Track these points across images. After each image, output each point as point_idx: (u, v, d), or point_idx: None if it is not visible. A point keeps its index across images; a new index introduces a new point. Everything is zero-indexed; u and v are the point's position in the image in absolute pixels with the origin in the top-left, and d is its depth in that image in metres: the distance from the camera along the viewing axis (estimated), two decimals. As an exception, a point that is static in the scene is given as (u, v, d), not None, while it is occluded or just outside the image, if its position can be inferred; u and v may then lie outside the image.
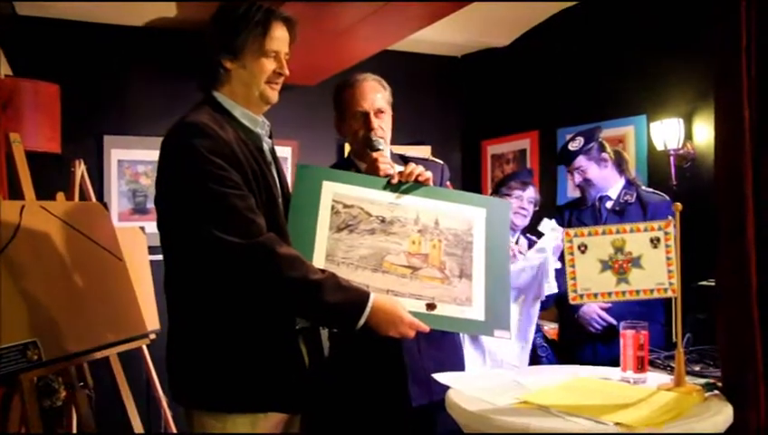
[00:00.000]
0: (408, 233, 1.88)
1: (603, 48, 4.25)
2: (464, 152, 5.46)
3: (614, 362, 1.91)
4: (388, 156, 2.09)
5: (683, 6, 3.62)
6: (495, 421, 1.54)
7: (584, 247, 1.87)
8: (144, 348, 3.27)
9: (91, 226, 2.56)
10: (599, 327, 2.80)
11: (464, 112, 5.46)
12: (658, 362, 2.17)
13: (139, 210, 4.39)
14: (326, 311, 1.65)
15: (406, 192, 1.93)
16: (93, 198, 3.28)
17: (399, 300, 1.77)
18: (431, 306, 1.82)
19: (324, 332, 1.90)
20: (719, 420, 1.58)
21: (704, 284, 2.67)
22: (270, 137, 1.87)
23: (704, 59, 3.36)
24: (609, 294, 1.86)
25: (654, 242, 1.82)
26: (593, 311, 2.81)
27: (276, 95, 1.80)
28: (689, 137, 3.62)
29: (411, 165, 1.97)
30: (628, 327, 1.85)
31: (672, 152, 3.61)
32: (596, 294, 1.87)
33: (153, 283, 3.14)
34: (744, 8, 1.66)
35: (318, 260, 1.79)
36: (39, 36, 4.10)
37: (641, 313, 2.29)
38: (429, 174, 1.97)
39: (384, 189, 1.92)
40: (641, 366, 1.83)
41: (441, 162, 2.34)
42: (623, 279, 1.84)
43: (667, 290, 1.81)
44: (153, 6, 4.04)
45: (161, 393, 3.41)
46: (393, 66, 3.65)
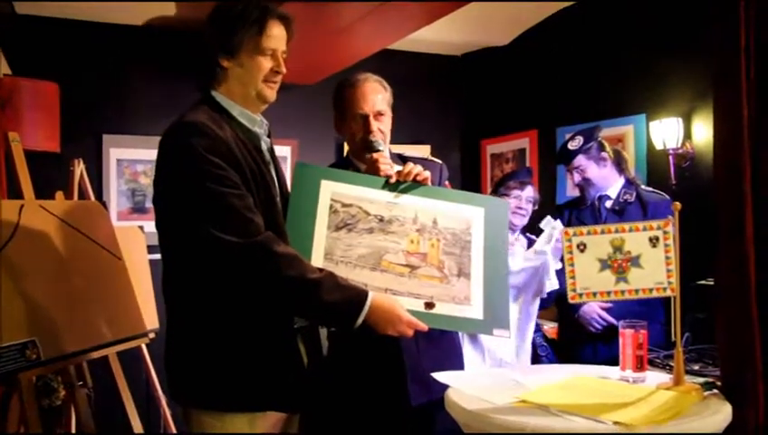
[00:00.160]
0: (407, 232, 1.88)
1: (602, 47, 4.25)
2: (463, 151, 5.46)
3: (614, 361, 1.91)
4: (387, 156, 2.09)
5: (682, 6, 3.62)
6: (494, 420, 1.54)
7: (583, 246, 1.87)
8: (143, 347, 3.27)
9: (90, 225, 2.56)
10: (599, 327, 2.80)
11: (463, 111, 5.46)
12: (657, 361, 2.18)
13: (138, 209, 4.39)
14: (324, 310, 1.65)
15: (404, 191, 1.93)
16: (92, 198, 3.28)
17: (398, 299, 1.77)
18: (430, 305, 1.82)
19: (323, 331, 1.90)
20: (718, 419, 1.58)
21: (703, 283, 2.67)
22: (268, 136, 1.87)
23: (703, 58, 3.36)
24: (609, 294, 1.86)
25: (653, 241, 1.82)
26: (593, 311, 2.81)
27: (274, 94, 1.79)
28: (688, 136, 3.62)
29: (410, 164, 1.97)
30: (627, 326, 1.85)
31: (671, 151, 3.61)
32: (595, 294, 1.87)
33: (152, 282, 3.14)
34: (743, 8, 1.66)
35: (316, 259, 1.79)
36: (38, 35, 4.09)
37: (641, 312, 2.29)
38: (428, 173, 1.97)
39: (383, 189, 1.92)
40: (640, 365, 1.84)
41: (439, 162, 2.34)
42: (622, 278, 1.84)
43: (666, 289, 1.81)
44: (152, 5, 4.04)
45: (160, 392, 3.42)
46: (392, 65, 3.65)
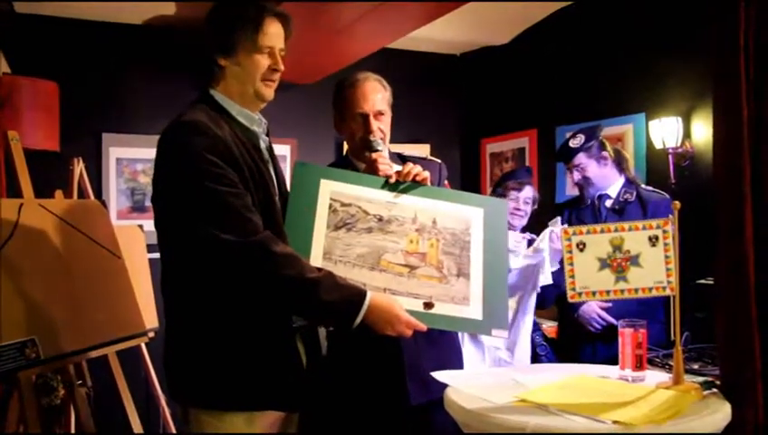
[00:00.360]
0: (406, 232, 1.88)
1: (602, 46, 4.25)
2: (463, 150, 5.46)
3: (614, 361, 1.91)
4: (387, 156, 2.08)
5: (682, 5, 3.62)
6: (494, 419, 1.53)
7: (582, 246, 1.87)
8: (143, 346, 3.27)
9: (89, 224, 2.56)
10: (598, 327, 2.80)
11: (463, 110, 5.46)
12: (657, 360, 2.17)
13: (138, 208, 4.39)
14: (323, 309, 1.65)
15: (404, 191, 1.93)
16: (92, 196, 3.28)
17: (397, 298, 1.77)
18: (429, 305, 1.82)
19: (322, 330, 1.90)
20: (717, 419, 1.57)
21: (702, 282, 2.67)
22: (267, 135, 1.87)
23: (702, 58, 3.36)
24: (608, 293, 1.86)
25: (652, 240, 1.82)
26: (593, 310, 2.81)
27: (272, 92, 1.79)
28: (688, 135, 3.62)
29: (409, 164, 1.97)
30: (626, 326, 1.85)
31: (671, 151, 3.61)
32: (594, 293, 1.87)
33: (152, 281, 3.14)
34: (743, 7, 1.66)
35: (315, 258, 1.79)
36: (37, 34, 4.09)
37: (641, 312, 2.29)
38: (427, 173, 1.97)
39: (382, 188, 1.92)
40: (640, 364, 1.83)
41: (439, 161, 2.33)
42: (622, 277, 1.84)
43: (665, 288, 1.81)
44: (152, 4, 4.04)
45: (160, 391, 3.42)
46: (392, 64, 3.65)
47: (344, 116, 2.18)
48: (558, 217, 2.85)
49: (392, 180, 1.93)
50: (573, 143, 2.95)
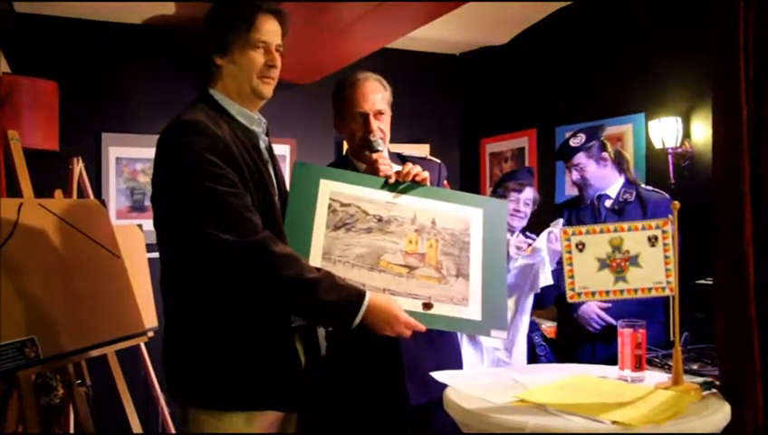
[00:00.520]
0: (405, 232, 1.88)
1: (602, 46, 4.25)
2: (462, 150, 5.46)
3: (613, 361, 1.91)
4: (387, 156, 2.08)
5: (681, 5, 3.62)
6: (493, 419, 1.53)
7: (582, 246, 1.87)
8: (142, 346, 3.27)
9: (89, 223, 2.56)
10: (597, 327, 2.80)
11: (462, 110, 5.46)
12: (656, 360, 2.17)
13: (137, 208, 4.38)
14: (322, 309, 1.66)
15: (403, 192, 1.93)
16: (91, 196, 3.28)
17: (396, 299, 1.77)
18: (428, 306, 1.82)
19: (321, 330, 1.90)
20: (717, 419, 1.57)
21: (702, 282, 2.67)
22: (267, 135, 1.87)
23: (702, 58, 3.36)
24: (607, 293, 1.86)
25: (652, 241, 1.82)
26: (592, 311, 2.81)
27: (269, 90, 1.79)
28: (687, 135, 3.62)
29: (409, 165, 1.97)
30: (626, 326, 1.85)
31: (670, 151, 3.61)
32: (594, 293, 1.87)
33: (151, 280, 3.14)
34: (743, 8, 1.66)
35: (314, 258, 1.79)
36: (37, 34, 4.09)
37: (641, 312, 2.29)
38: (426, 174, 1.97)
39: (381, 189, 1.92)
40: (639, 365, 1.83)
41: (438, 161, 2.33)
42: (621, 278, 1.84)
43: (664, 289, 1.81)
44: (152, 4, 4.04)
45: (159, 391, 3.41)
46: (391, 64, 3.64)
47: (344, 116, 2.18)
48: (560, 219, 2.85)
49: (392, 180, 1.93)
50: (573, 142, 2.95)
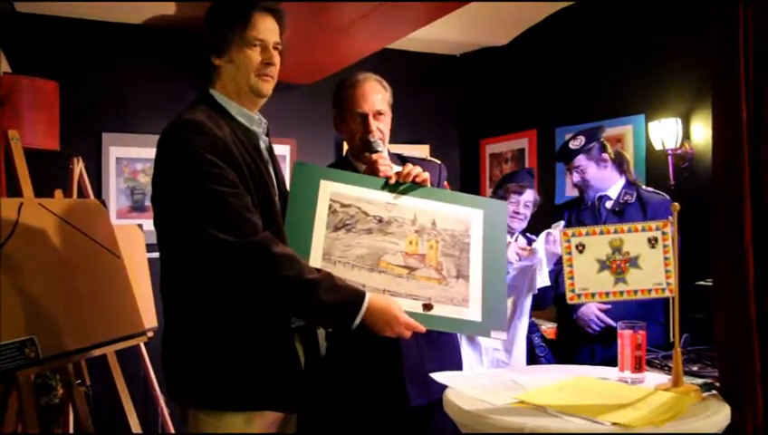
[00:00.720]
0: (406, 233, 1.88)
1: (601, 47, 4.25)
2: (462, 151, 5.46)
3: (613, 362, 1.91)
4: (386, 157, 2.08)
5: (681, 6, 3.62)
6: (492, 421, 1.53)
7: (582, 247, 1.87)
8: (142, 346, 3.27)
9: (89, 223, 2.56)
10: (597, 328, 2.80)
11: (462, 111, 5.46)
12: (656, 361, 2.18)
13: (138, 208, 4.38)
14: (321, 310, 1.65)
15: (403, 192, 1.93)
16: (92, 196, 3.28)
17: (396, 300, 1.77)
18: (428, 307, 1.82)
19: (321, 331, 1.90)
20: (717, 421, 1.57)
21: (702, 283, 2.67)
22: (267, 135, 1.87)
23: (702, 59, 3.36)
24: (607, 294, 1.86)
25: (652, 242, 1.82)
26: (592, 312, 2.81)
27: (269, 88, 1.78)
28: (687, 136, 3.62)
29: (409, 165, 1.97)
30: (625, 327, 1.85)
31: (670, 152, 3.61)
32: (594, 294, 1.87)
33: (151, 280, 3.14)
34: (742, 9, 1.65)
35: (315, 259, 1.79)
36: (38, 33, 4.09)
37: (641, 314, 2.29)
38: (427, 175, 1.97)
39: (382, 189, 1.92)
40: (639, 366, 1.83)
41: (438, 162, 2.33)
42: (621, 279, 1.84)
43: (664, 290, 1.81)
44: (152, 4, 4.04)
45: (158, 391, 3.41)
46: (392, 64, 3.65)
47: (344, 116, 2.18)
48: (561, 221, 2.85)
49: (392, 181, 1.93)
50: (573, 144, 2.95)
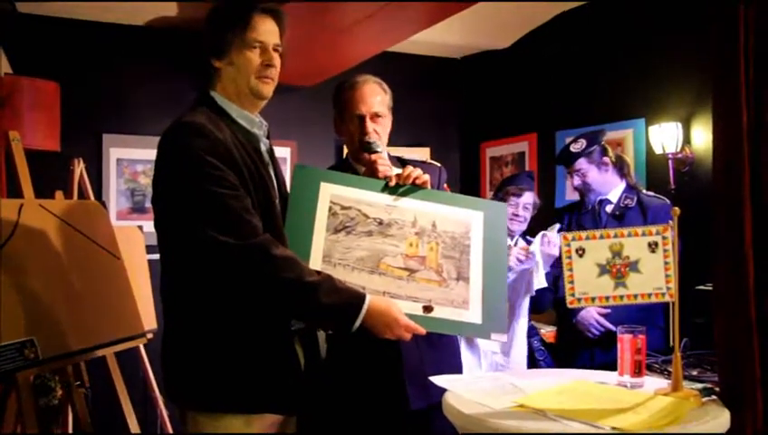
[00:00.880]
0: (406, 235, 1.88)
1: (602, 51, 4.25)
2: (462, 154, 5.46)
3: (612, 366, 1.91)
4: (386, 157, 2.08)
5: (681, 9, 3.63)
6: (492, 424, 1.53)
7: (582, 251, 1.87)
8: (141, 347, 3.26)
9: (89, 224, 2.56)
10: (597, 333, 2.80)
11: (463, 114, 5.46)
12: (656, 366, 2.17)
13: (138, 209, 4.38)
14: (321, 312, 1.65)
15: (403, 194, 1.93)
16: (92, 197, 3.28)
17: (396, 302, 1.77)
18: (428, 309, 1.82)
19: (321, 333, 1.89)
20: (716, 425, 1.57)
21: (702, 288, 2.67)
22: (267, 137, 1.87)
23: (703, 63, 3.36)
24: (607, 299, 1.85)
25: (652, 246, 1.81)
26: (591, 316, 2.81)
27: (269, 90, 1.78)
28: (688, 141, 3.62)
29: (409, 167, 1.97)
30: (625, 331, 1.85)
31: (670, 156, 3.61)
32: (594, 299, 1.87)
33: (151, 282, 3.14)
34: (743, 11, 1.65)
35: (315, 261, 1.79)
36: (39, 34, 4.09)
37: (641, 318, 2.29)
38: (427, 177, 1.97)
39: (382, 191, 1.92)
40: (638, 370, 1.83)
41: (438, 165, 2.33)
42: (621, 283, 1.83)
43: (664, 295, 1.81)
44: (153, 6, 4.04)
45: (158, 393, 3.41)
46: (392, 67, 3.65)
47: (343, 118, 2.18)
48: (557, 224, 2.85)
49: (392, 183, 1.92)
50: (574, 148, 2.95)
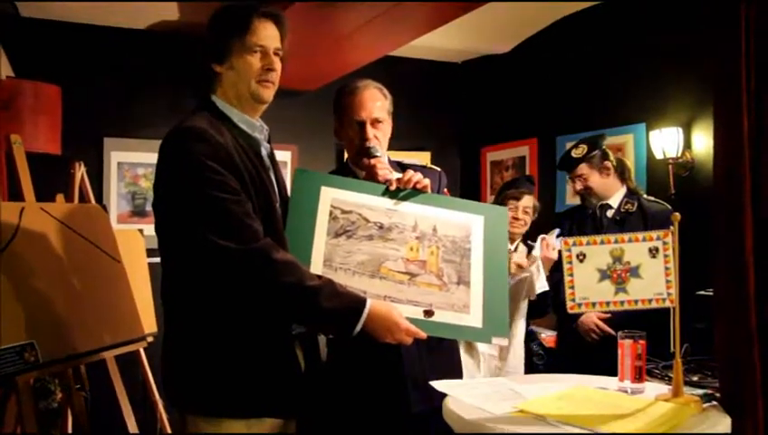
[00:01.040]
0: (406, 239, 1.88)
1: (602, 56, 4.26)
2: (463, 158, 5.47)
3: (613, 372, 1.91)
4: (385, 162, 2.08)
5: (682, 15, 3.63)
6: (492, 430, 1.53)
7: (582, 256, 1.87)
8: (141, 351, 3.26)
9: (90, 228, 2.56)
10: (596, 338, 2.80)
11: (463, 119, 5.47)
12: (656, 371, 2.17)
13: (138, 213, 4.39)
14: (322, 317, 1.65)
15: (404, 199, 1.93)
16: (93, 200, 3.28)
17: (397, 306, 1.77)
18: (429, 313, 1.82)
19: (322, 337, 1.89)
20: (717, 431, 1.57)
21: (702, 293, 2.66)
22: (268, 141, 1.87)
23: (703, 68, 3.37)
24: (608, 304, 1.85)
25: (652, 252, 1.81)
26: (591, 321, 2.81)
27: (269, 94, 1.78)
28: (688, 145, 3.63)
29: (410, 172, 1.97)
30: (626, 337, 1.85)
31: (671, 161, 3.61)
32: (594, 304, 1.87)
33: (151, 286, 3.14)
34: (744, 17, 1.65)
35: (315, 266, 1.79)
36: (41, 38, 4.11)
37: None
38: (427, 181, 1.97)
39: (382, 196, 1.92)
40: (639, 376, 1.83)
41: (439, 169, 2.33)
42: (621, 289, 1.83)
43: (665, 300, 1.81)
44: (155, 10, 4.05)
45: (158, 397, 3.40)
46: (393, 72, 3.67)
47: (343, 123, 2.18)
48: (556, 229, 2.85)
49: (392, 187, 1.92)
50: (575, 153, 2.95)
